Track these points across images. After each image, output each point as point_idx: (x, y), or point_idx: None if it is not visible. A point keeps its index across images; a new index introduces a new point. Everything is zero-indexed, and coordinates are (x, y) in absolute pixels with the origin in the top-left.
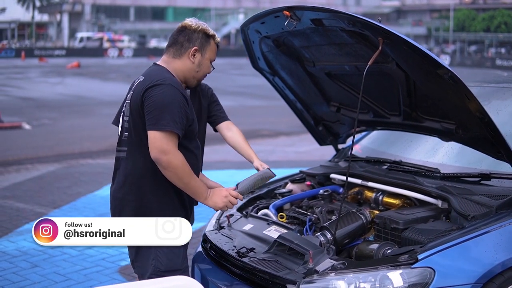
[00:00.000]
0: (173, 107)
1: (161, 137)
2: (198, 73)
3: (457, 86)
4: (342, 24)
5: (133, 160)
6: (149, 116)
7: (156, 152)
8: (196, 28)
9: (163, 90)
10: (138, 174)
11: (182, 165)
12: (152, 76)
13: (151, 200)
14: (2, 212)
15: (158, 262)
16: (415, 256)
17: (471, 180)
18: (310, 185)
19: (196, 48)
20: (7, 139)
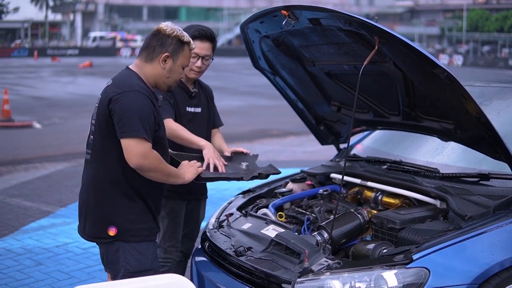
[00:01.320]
0: (142, 113)
1: (136, 144)
2: (169, 79)
3: (453, 85)
4: (339, 24)
5: (97, 163)
6: (119, 124)
7: (136, 159)
8: (170, 33)
9: (130, 96)
10: (100, 178)
11: (160, 162)
12: (120, 82)
13: (114, 204)
14: (9, 210)
15: (127, 264)
16: (410, 256)
17: (470, 180)
18: (310, 185)
19: (168, 54)
20: (17, 138)
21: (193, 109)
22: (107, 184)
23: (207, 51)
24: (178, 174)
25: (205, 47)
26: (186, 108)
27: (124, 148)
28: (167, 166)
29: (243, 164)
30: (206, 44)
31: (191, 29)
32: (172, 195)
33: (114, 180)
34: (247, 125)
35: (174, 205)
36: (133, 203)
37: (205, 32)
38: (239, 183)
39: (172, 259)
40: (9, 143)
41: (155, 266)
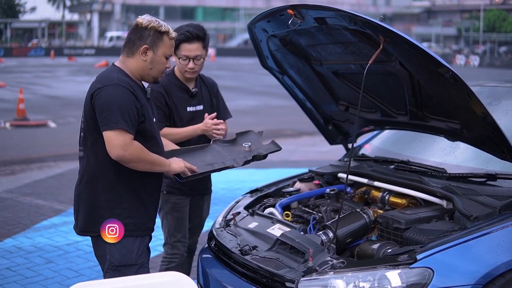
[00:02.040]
0: (122, 105)
1: (115, 136)
2: (152, 70)
3: (459, 85)
4: (344, 23)
5: (88, 159)
6: (101, 117)
7: (115, 151)
8: (147, 25)
9: (109, 90)
10: (91, 173)
11: (141, 152)
12: (101, 78)
13: (103, 198)
14: (22, 208)
15: (112, 257)
16: (414, 256)
17: (477, 180)
18: (318, 184)
19: (147, 46)
20: (32, 137)
21: (194, 108)
22: (95, 178)
23: (197, 51)
24: (162, 162)
25: (193, 48)
26: (186, 109)
27: (105, 141)
28: (150, 155)
29: (245, 146)
30: (195, 45)
31: (179, 31)
32: (175, 191)
33: (102, 175)
34: (261, 125)
35: (177, 199)
36: (121, 197)
37: (191, 33)
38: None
39: (179, 255)
40: (24, 142)
41: (140, 261)
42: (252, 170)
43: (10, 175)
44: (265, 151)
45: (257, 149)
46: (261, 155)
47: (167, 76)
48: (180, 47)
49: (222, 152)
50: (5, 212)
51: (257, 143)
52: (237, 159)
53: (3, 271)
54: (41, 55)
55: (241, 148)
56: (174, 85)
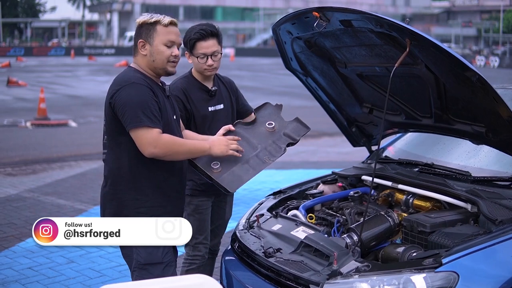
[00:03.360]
0: (142, 102)
1: (141, 134)
2: (155, 62)
3: (485, 88)
4: (370, 25)
5: (112, 161)
6: (123, 118)
7: (146, 150)
8: (139, 22)
9: (127, 90)
10: (115, 174)
11: (174, 142)
12: (118, 80)
13: (127, 198)
14: (43, 208)
15: (138, 255)
16: (440, 260)
17: (502, 184)
18: (341, 187)
19: (142, 41)
20: (53, 136)
21: (214, 108)
22: (119, 179)
23: (213, 47)
24: (200, 147)
25: (210, 45)
26: (208, 109)
27: (135, 141)
28: (185, 145)
29: (269, 126)
30: (210, 41)
31: (192, 31)
32: (197, 192)
33: (126, 175)
34: None
35: (199, 201)
36: (146, 196)
37: (205, 31)
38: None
39: (200, 256)
40: (45, 141)
41: (166, 260)
42: (272, 171)
43: (32, 174)
44: (296, 134)
45: (282, 128)
46: (294, 141)
47: (185, 78)
48: (196, 46)
49: (249, 138)
50: (26, 211)
51: (280, 120)
52: (271, 150)
53: (25, 270)
54: (61, 54)
55: (265, 129)
56: (193, 86)
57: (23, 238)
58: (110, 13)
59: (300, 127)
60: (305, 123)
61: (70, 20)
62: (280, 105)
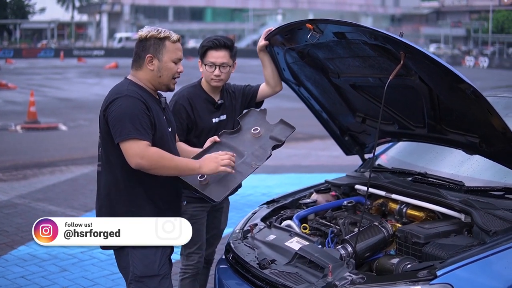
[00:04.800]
0: (132, 115)
1: (129, 146)
2: (162, 77)
3: (479, 101)
4: (364, 38)
5: (105, 174)
6: (113, 130)
7: (132, 160)
8: (147, 35)
9: (120, 102)
10: (108, 187)
11: (161, 156)
12: (112, 92)
13: (121, 210)
14: (34, 215)
15: (135, 268)
16: (434, 272)
17: (495, 194)
18: (335, 196)
19: (151, 56)
20: (43, 140)
21: (218, 119)
22: (113, 191)
23: (223, 59)
24: (189, 166)
25: (220, 56)
26: (212, 120)
27: (123, 152)
28: (173, 160)
29: (254, 132)
30: (222, 52)
31: (206, 40)
32: (192, 200)
33: (120, 187)
34: None
35: (194, 210)
36: (140, 208)
37: (218, 41)
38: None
39: (193, 266)
40: (36, 145)
41: (162, 272)
42: (264, 175)
43: (22, 180)
44: (281, 136)
45: (268, 132)
46: (279, 143)
47: (193, 87)
48: (207, 54)
49: (236, 147)
50: (18, 218)
51: (265, 124)
52: (258, 155)
53: (18, 279)
54: (51, 56)
55: (250, 136)
56: (199, 97)
57: (15, 246)
58: (99, 14)
59: (286, 128)
60: (290, 124)
61: (60, 21)
62: (264, 109)
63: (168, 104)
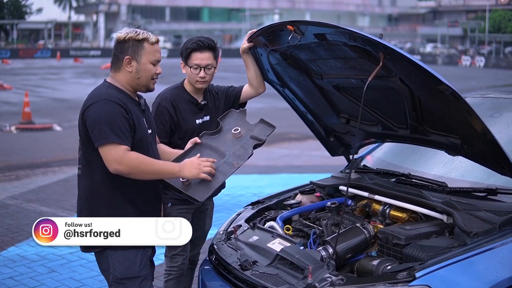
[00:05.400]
0: (110, 119)
1: (108, 151)
2: (140, 79)
3: (458, 102)
4: (344, 39)
5: (85, 177)
6: (92, 135)
7: (111, 166)
8: (125, 37)
9: (97, 106)
10: (89, 190)
11: (140, 161)
12: (91, 95)
13: (102, 213)
14: (25, 215)
15: (115, 270)
16: (413, 273)
17: (478, 195)
18: (319, 197)
19: (129, 57)
20: (37, 141)
21: (201, 120)
22: (93, 195)
23: (208, 61)
24: (169, 169)
25: (205, 57)
26: (195, 121)
27: (102, 157)
28: (152, 165)
29: (235, 132)
30: (206, 54)
31: (189, 42)
32: (177, 202)
33: (100, 191)
34: None
35: (179, 212)
36: (120, 211)
37: (202, 42)
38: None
39: (177, 267)
40: (29, 146)
41: (143, 274)
42: (256, 175)
43: (15, 181)
44: (262, 135)
45: (249, 132)
46: (260, 142)
47: (176, 89)
48: (191, 56)
49: (217, 147)
50: (8, 219)
51: (245, 124)
52: (239, 155)
53: (6, 280)
54: (47, 56)
55: (231, 136)
56: (182, 98)
57: (5, 247)
58: (96, 14)
59: (266, 127)
60: (270, 123)
61: (56, 22)
62: (244, 110)
63: (151, 106)
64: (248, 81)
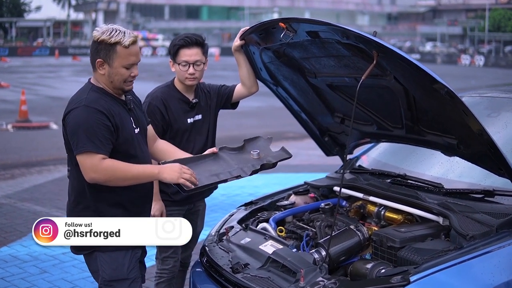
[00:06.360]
0: (87, 127)
1: (83, 159)
2: (113, 83)
3: (454, 101)
4: (337, 37)
5: (72, 180)
6: (72, 142)
7: (87, 175)
8: (98, 38)
9: (76, 113)
10: (77, 192)
11: (116, 168)
12: (72, 100)
13: (89, 214)
14: (19, 215)
15: (103, 272)
16: (408, 277)
17: (474, 196)
18: (313, 197)
19: (101, 60)
20: (33, 140)
21: (193, 119)
22: (81, 197)
23: (196, 57)
24: (147, 173)
25: (193, 53)
26: (187, 121)
27: (79, 165)
28: (129, 170)
29: (254, 153)
30: (194, 50)
31: (177, 39)
32: (168, 203)
33: (86, 194)
34: (264, 127)
35: (170, 214)
36: (108, 213)
37: (190, 39)
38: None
39: (168, 270)
40: (25, 145)
41: (132, 276)
42: None
43: (10, 180)
44: (275, 158)
45: (266, 156)
46: (270, 163)
47: (167, 87)
48: (179, 53)
49: (230, 161)
50: (2, 218)
51: (266, 150)
52: (244, 168)
53: None
54: (46, 54)
55: (249, 156)
56: (173, 97)
57: None
58: (95, 13)
59: (282, 154)
60: (288, 151)
61: (55, 20)
62: (270, 138)
63: (142, 105)
64: (241, 80)
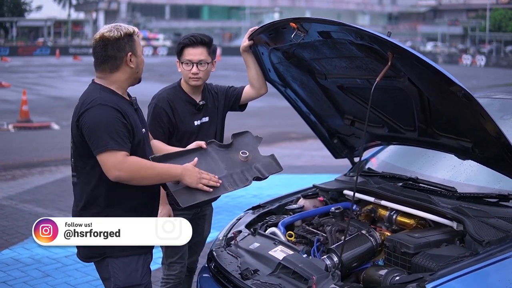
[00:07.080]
0: (108, 125)
1: (107, 158)
2: (138, 72)
3: (471, 104)
4: (350, 37)
5: (80, 186)
6: (90, 142)
7: (110, 173)
8: (119, 35)
9: (92, 113)
10: (86, 198)
11: (141, 166)
12: (84, 100)
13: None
14: (21, 216)
15: (116, 278)
16: (423, 285)
17: (489, 201)
18: (323, 201)
19: (130, 53)
20: (35, 140)
21: (200, 121)
22: (91, 203)
23: (201, 56)
24: (173, 174)
25: (197, 53)
26: (194, 123)
27: (101, 165)
28: (154, 169)
29: (242, 155)
30: (199, 49)
31: (182, 38)
32: (175, 208)
33: (97, 199)
34: (267, 127)
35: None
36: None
37: (195, 38)
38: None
39: (174, 275)
40: (27, 145)
41: (145, 281)
42: None
43: (11, 180)
44: (267, 171)
45: (255, 161)
46: (262, 177)
47: (173, 89)
48: (184, 52)
49: (218, 160)
50: (3, 220)
51: (255, 152)
52: (236, 179)
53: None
54: (47, 54)
55: (237, 157)
56: (179, 99)
57: None
58: (96, 12)
59: (273, 165)
60: (279, 162)
61: (56, 19)
62: (260, 137)
63: (147, 107)
64: (250, 82)
